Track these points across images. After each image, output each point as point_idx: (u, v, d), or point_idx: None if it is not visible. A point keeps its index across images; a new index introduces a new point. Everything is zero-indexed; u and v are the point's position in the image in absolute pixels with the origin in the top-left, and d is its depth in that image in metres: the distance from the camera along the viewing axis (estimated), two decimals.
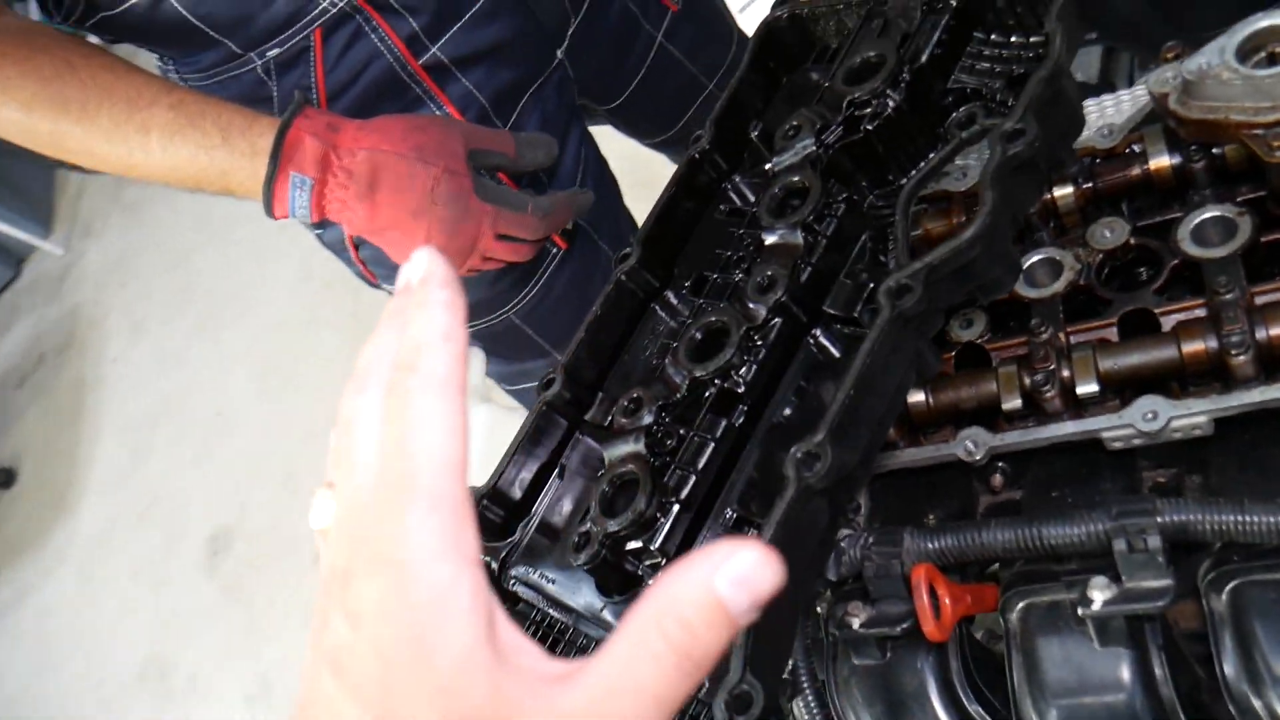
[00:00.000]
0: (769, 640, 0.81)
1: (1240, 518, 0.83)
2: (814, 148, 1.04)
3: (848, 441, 0.86)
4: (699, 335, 1.01)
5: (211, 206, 4.82)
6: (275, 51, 1.33)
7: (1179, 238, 1.04)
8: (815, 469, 0.83)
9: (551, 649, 1.04)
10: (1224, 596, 0.85)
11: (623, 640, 0.51)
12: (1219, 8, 1.08)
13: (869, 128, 1.04)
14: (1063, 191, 1.11)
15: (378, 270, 1.57)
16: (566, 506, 1.10)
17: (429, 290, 0.56)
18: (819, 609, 1.03)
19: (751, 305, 0.99)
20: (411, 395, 0.53)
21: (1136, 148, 1.11)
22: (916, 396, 1.06)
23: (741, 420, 0.98)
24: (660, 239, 1.15)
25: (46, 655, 4.33)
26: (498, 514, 1.09)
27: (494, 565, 1.10)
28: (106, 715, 4.00)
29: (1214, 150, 1.05)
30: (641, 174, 2.14)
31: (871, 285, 0.95)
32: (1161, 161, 1.07)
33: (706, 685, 0.86)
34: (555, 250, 1.56)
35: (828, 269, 1.00)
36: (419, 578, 0.51)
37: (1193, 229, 1.03)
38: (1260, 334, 0.92)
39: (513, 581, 1.08)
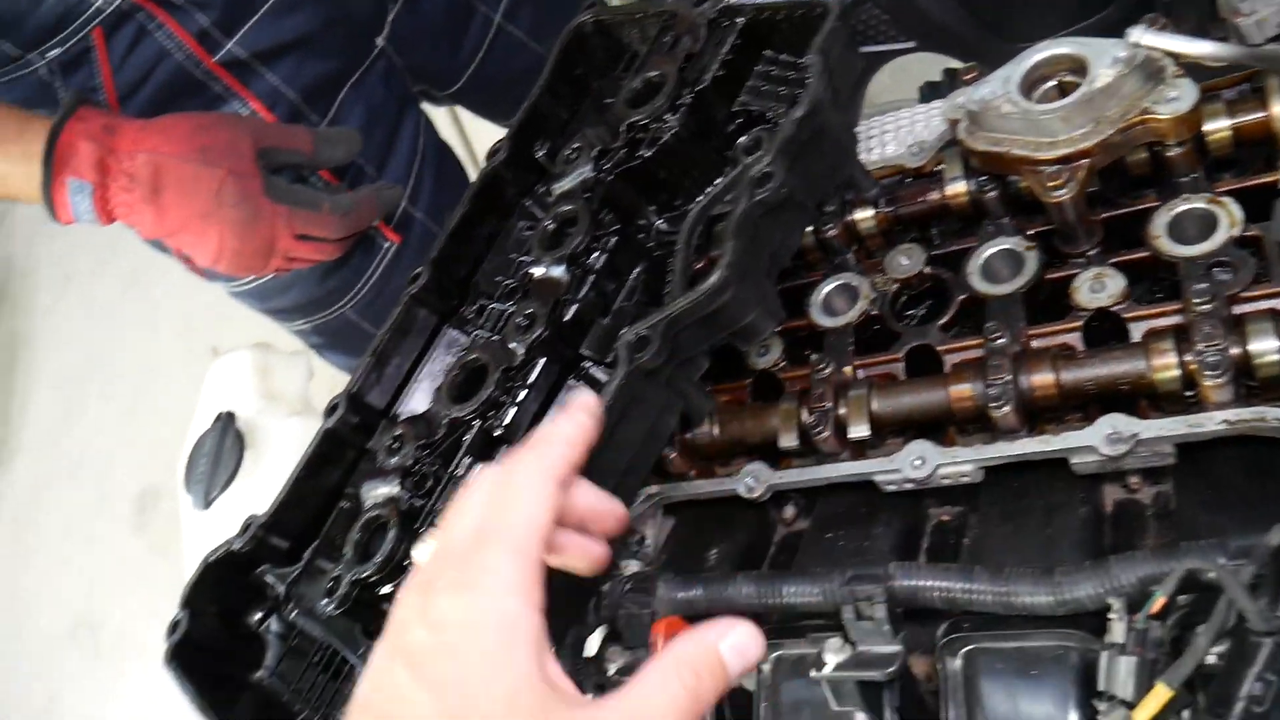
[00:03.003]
0: None
1: (967, 586, 0.81)
2: (591, 174, 1.00)
3: None
4: (459, 374, 0.97)
5: None
6: (56, 52, 1.26)
7: (969, 271, 1.00)
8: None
9: (335, 677, 1.02)
10: (957, 660, 0.84)
11: (646, 680, 0.65)
12: (1036, 20, 1.03)
13: (646, 154, 1.00)
14: (863, 215, 1.07)
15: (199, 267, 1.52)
16: (355, 534, 1.08)
17: (575, 411, 0.75)
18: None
19: (511, 345, 0.95)
20: (519, 469, 0.70)
21: (937, 169, 1.07)
22: (704, 428, 1.04)
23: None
24: (453, 260, 1.11)
25: None
26: (282, 541, 1.07)
27: (280, 590, 1.08)
28: (37, 672, 4.01)
29: (1007, 179, 1.01)
30: None
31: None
32: (959, 188, 1.03)
33: None
34: (388, 245, 1.51)
35: (595, 304, 0.97)
36: (495, 604, 0.64)
37: (982, 263, 1.00)
38: (1024, 383, 0.89)
39: (292, 611, 1.06)
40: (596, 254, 0.97)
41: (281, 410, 1.29)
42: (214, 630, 1.07)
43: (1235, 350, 0.81)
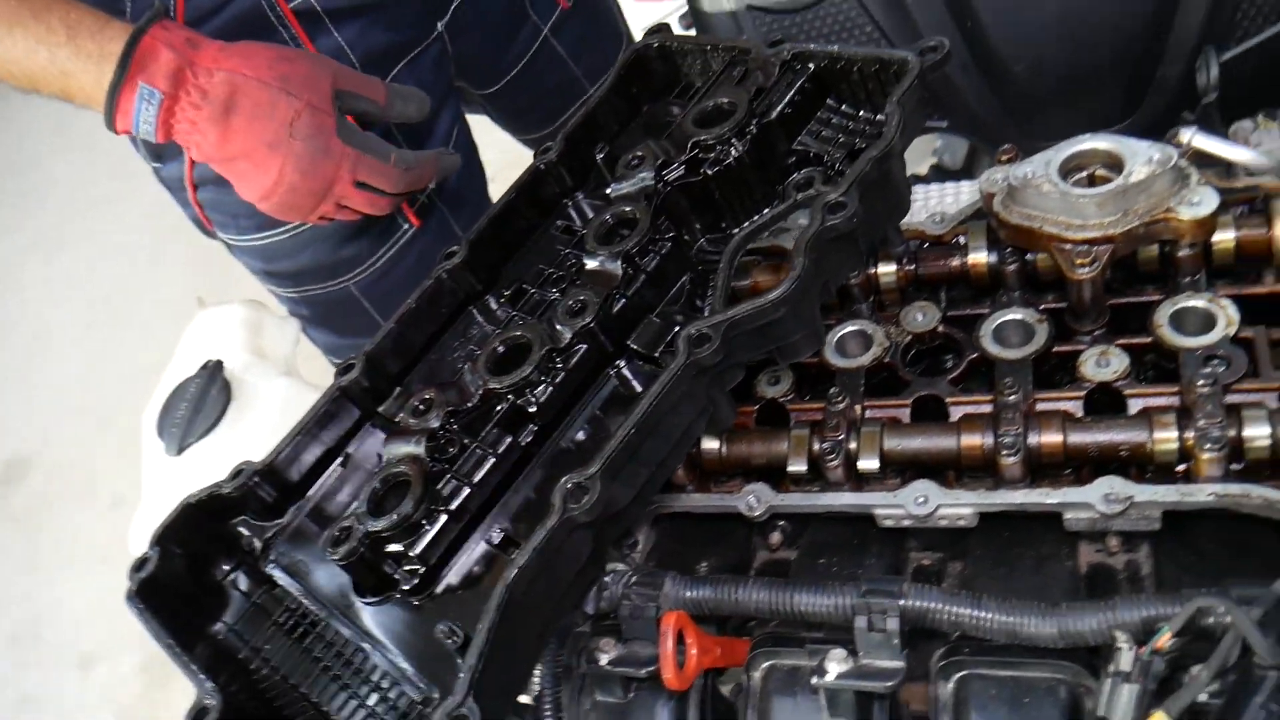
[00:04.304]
0: (502, 667, 0.80)
1: (975, 613, 0.85)
2: (652, 181, 1.04)
3: (623, 479, 0.86)
4: (501, 348, 0.99)
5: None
6: None
7: (981, 334, 1.07)
8: (582, 502, 0.82)
9: (300, 640, 1.00)
10: (950, 684, 0.88)
11: None
12: (1063, 120, 1.12)
13: (709, 172, 1.05)
14: (886, 269, 1.14)
15: (214, 216, 1.50)
16: (343, 497, 1.07)
17: None
18: (577, 639, 1.03)
19: (559, 327, 0.97)
20: None
21: (961, 240, 1.15)
22: (711, 444, 1.07)
23: (529, 440, 0.97)
24: (490, 243, 1.13)
25: None
26: (270, 493, 1.05)
27: (257, 544, 1.06)
28: None
29: (1027, 256, 1.09)
30: (514, 169, 2.09)
31: (677, 329, 0.95)
32: (980, 258, 1.11)
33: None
34: (407, 226, 1.51)
35: (641, 304, 1.00)
36: None
37: (995, 328, 1.07)
38: (1033, 439, 0.96)
39: (272, 565, 1.04)
40: (650, 256, 1.00)
41: (269, 369, 1.26)
42: (179, 574, 1.04)
43: (1231, 432, 0.89)
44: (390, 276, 1.52)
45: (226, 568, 1.07)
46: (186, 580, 1.04)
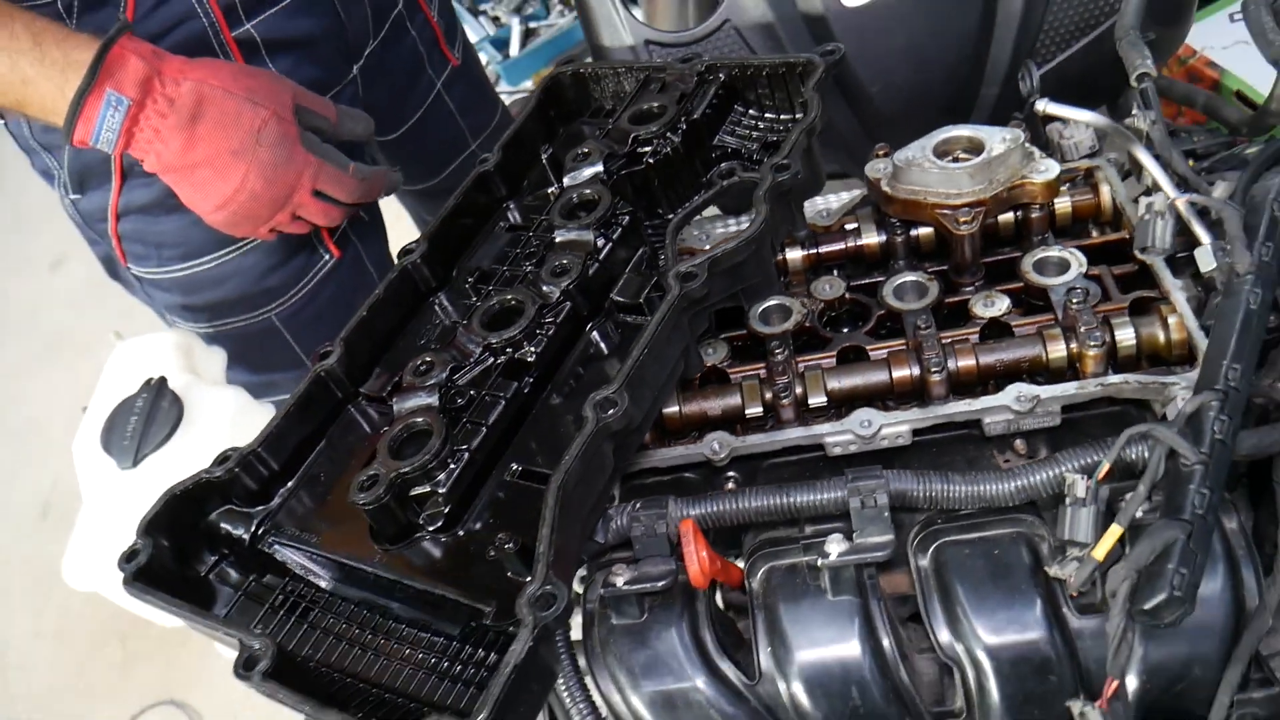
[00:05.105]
0: (564, 552, 0.86)
1: (945, 485, 1.01)
2: (602, 169, 1.17)
3: (636, 396, 0.96)
4: (496, 306, 1.07)
5: None
6: None
7: (884, 294, 1.26)
8: (611, 413, 0.91)
9: (303, 617, 1.01)
10: (928, 555, 1.02)
11: None
12: (907, 133, 1.34)
13: (650, 161, 1.19)
14: (793, 254, 1.32)
15: (132, 249, 1.47)
16: (326, 477, 1.09)
17: None
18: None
19: (545, 288, 1.07)
20: None
21: (850, 227, 1.35)
22: (670, 407, 1.18)
23: (528, 390, 1.05)
24: (445, 238, 1.22)
25: None
26: (257, 478, 1.06)
27: (244, 532, 1.06)
28: None
29: (911, 231, 1.30)
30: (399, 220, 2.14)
31: (655, 279, 1.07)
32: (871, 237, 1.31)
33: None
34: (328, 256, 1.55)
35: (611, 268, 1.11)
36: None
37: (894, 288, 1.26)
38: (951, 364, 1.14)
39: (267, 546, 1.04)
40: (614, 227, 1.12)
41: (211, 386, 1.26)
42: (166, 568, 1.02)
43: (1106, 337, 1.11)
44: (311, 307, 1.55)
45: (212, 559, 1.06)
46: (173, 576, 1.02)
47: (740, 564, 1.08)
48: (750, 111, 1.28)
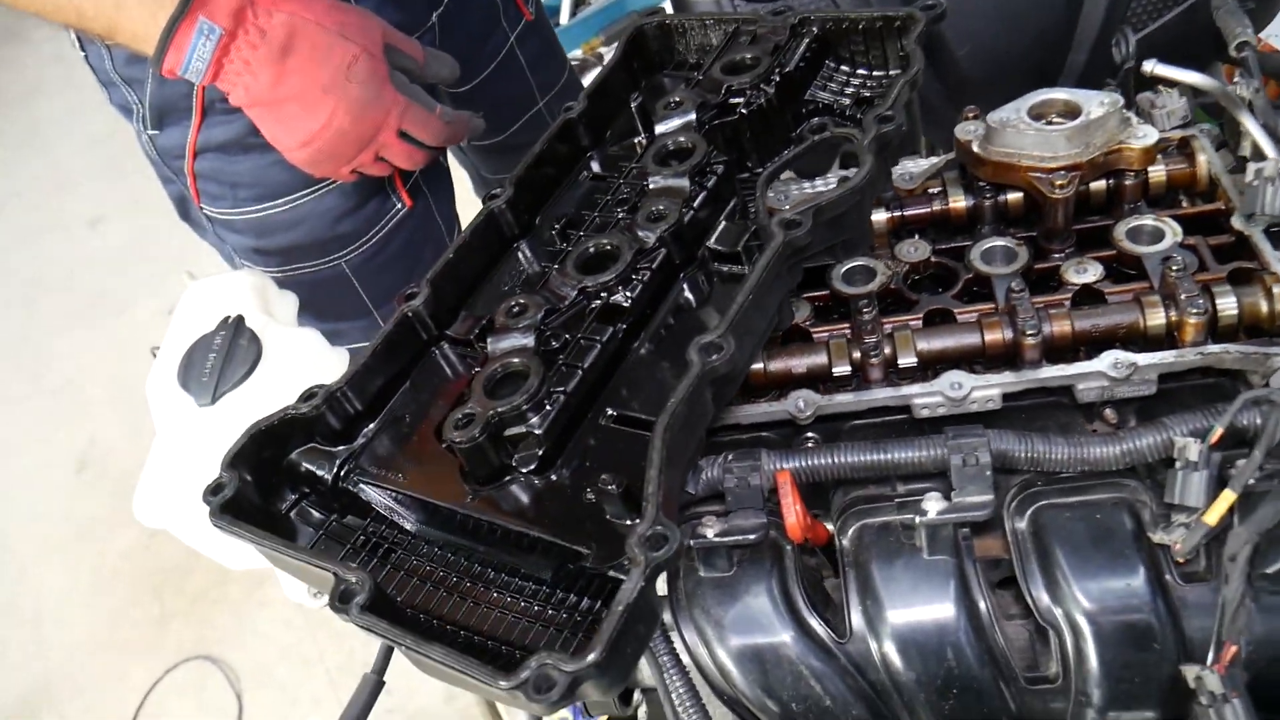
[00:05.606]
0: (671, 494, 0.84)
1: (1047, 447, 0.98)
2: (694, 118, 1.15)
3: (740, 343, 0.94)
4: (590, 251, 1.05)
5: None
6: None
7: (972, 258, 1.24)
8: (716, 357, 0.90)
9: (384, 559, 0.99)
10: (1026, 518, 1.00)
11: None
12: (993, 98, 1.32)
13: (744, 111, 1.17)
14: (878, 216, 1.30)
15: (208, 188, 1.46)
16: (411, 418, 1.08)
17: None
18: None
19: (641, 233, 1.05)
20: None
21: (934, 190, 1.32)
22: (755, 365, 1.16)
23: (623, 335, 1.03)
24: (531, 184, 1.20)
25: None
26: (342, 416, 1.05)
27: (327, 471, 1.04)
28: None
29: (1000, 197, 1.27)
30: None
31: (753, 228, 1.05)
32: (959, 200, 1.28)
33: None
34: (400, 205, 1.53)
35: (707, 216, 1.09)
36: None
37: (983, 252, 1.24)
38: (1046, 329, 1.11)
39: (355, 481, 1.03)
40: (709, 175, 1.10)
41: (287, 326, 1.25)
42: (251, 502, 1.01)
43: (1209, 305, 1.08)
44: (381, 256, 1.53)
45: (293, 497, 1.05)
46: (259, 509, 1.01)
47: (827, 524, 1.06)
48: (842, 67, 1.25)
